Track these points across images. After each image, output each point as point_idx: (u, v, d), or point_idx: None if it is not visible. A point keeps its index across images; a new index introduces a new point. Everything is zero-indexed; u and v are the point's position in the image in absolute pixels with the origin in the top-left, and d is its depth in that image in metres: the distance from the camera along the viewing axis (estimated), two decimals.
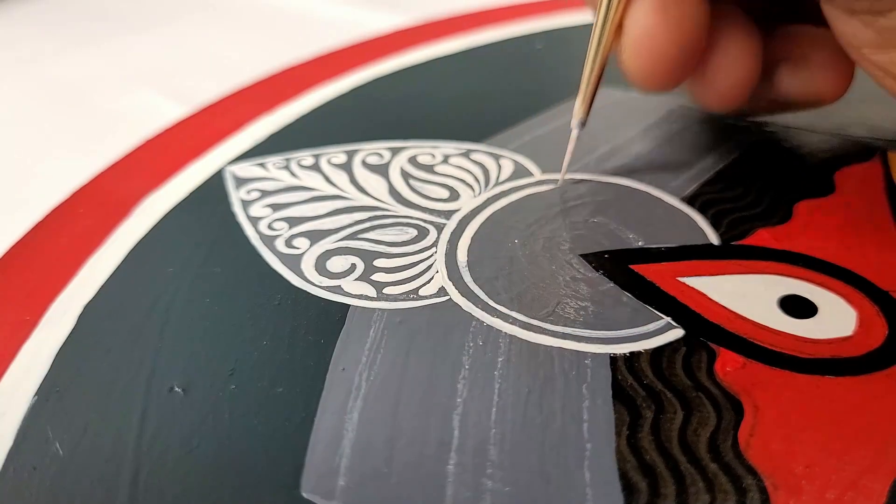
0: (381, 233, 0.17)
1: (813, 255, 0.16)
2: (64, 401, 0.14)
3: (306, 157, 0.21)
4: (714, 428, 0.12)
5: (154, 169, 0.21)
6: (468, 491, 0.11)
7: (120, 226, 0.18)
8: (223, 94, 0.25)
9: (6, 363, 0.14)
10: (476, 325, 0.14)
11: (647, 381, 0.13)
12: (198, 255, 0.17)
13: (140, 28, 0.33)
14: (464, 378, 0.13)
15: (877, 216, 0.17)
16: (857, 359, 0.13)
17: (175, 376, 0.14)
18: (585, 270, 0.16)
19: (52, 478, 0.12)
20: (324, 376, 0.13)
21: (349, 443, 0.12)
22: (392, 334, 0.14)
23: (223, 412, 0.13)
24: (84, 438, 0.13)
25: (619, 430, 0.12)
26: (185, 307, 0.15)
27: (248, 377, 0.14)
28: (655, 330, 0.14)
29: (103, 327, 0.15)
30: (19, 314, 0.16)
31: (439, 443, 0.12)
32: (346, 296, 0.15)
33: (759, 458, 0.12)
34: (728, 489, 0.11)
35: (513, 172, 0.19)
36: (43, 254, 0.18)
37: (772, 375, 0.13)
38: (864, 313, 0.14)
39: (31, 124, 0.25)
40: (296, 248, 0.17)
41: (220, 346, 0.14)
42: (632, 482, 0.11)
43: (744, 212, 0.17)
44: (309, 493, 0.12)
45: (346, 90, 0.25)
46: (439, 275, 0.16)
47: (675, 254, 0.16)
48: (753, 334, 0.14)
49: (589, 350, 0.14)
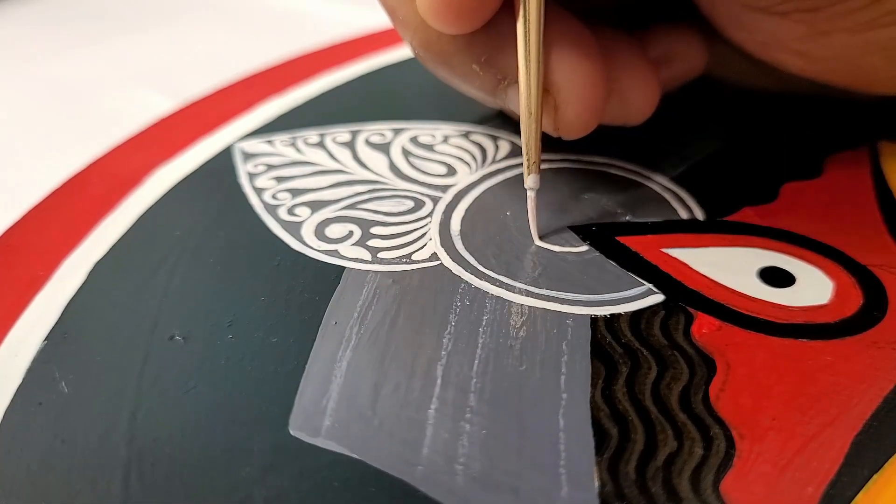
0: (379, 204, 0.18)
1: (795, 232, 0.16)
2: (71, 345, 0.14)
3: (312, 136, 0.21)
4: (686, 383, 0.13)
5: (166, 145, 0.22)
6: (446, 433, 0.12)
7: (131, 194, 0.19)
8: (233, 81, 0.26)
9: (19, 311, 0.15)
10: (464, 287, 0.15)
11: (626, 340, 0.14)
12: (204, 220, 0.18)
13: (140, 27, 0.33)
14: (449, 334, 0.14)
15: (861, 198, 0.17)
16: (831, 325, 0.14)
17: (177, 326, 0.14)
18: (573, 241, 0.16)
19: (56, 412, 0.13)
20: (316, 329, 0.14)
21: (337, 388, 0.13)
22: (384, 293, 0.15)
23: (220, 359, 0.14)
24: (88, 378, 0.13)
25: (595, 382, 0.13)
26: (189, 266, 0.16)
27: (245, 328, 0.14)
28: (637, 295, 0.15)
29: (111, 283, 0.16)
30: (33, 270, 0.16)
31: (422, 390, 0.13)
32: (342, 259, 0.16)
33: (728, 411, 0.12)
34: (695, 437, 0.12)
35: (509, 152, 0.20)
36: (57, 217, 0.18)
37: (746, 337, 0.13)
38: (840, 284, 0.15)
39: (32, 124, 0.25)
40: (297, 215, 0.18)
41: (220, 300, 0.15)
42: (604, 428, 0.12)
43: (731, 191, 0.18)
44: (296, 431, 0.12)
45: (353, 76, 0.25)
46: (432, 242, 0.16)
47: (661, 227, 0.16)
48: (731, 300, 0.14)
49: (571, 311, 0.14)
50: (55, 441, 0.12)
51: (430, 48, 0.15)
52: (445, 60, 0.16)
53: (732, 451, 0.11)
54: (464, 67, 0.15)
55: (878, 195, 0.17)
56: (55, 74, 0.29)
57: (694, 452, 0.11)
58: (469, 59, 0.15)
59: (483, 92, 0.16)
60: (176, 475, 0.12)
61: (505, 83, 0.15)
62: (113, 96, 0.26)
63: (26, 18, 0.35)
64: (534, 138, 0.15)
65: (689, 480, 0.11)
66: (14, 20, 0.35)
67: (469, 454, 0.12)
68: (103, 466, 0.12)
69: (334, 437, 0.12)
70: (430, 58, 0.16)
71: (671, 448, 0.12)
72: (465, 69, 0.15)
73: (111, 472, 0.12)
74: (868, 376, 0.13)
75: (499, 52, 0.15)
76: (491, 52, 0.15)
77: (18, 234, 0.18)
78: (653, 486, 0.11)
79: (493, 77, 0.15)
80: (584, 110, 0.15)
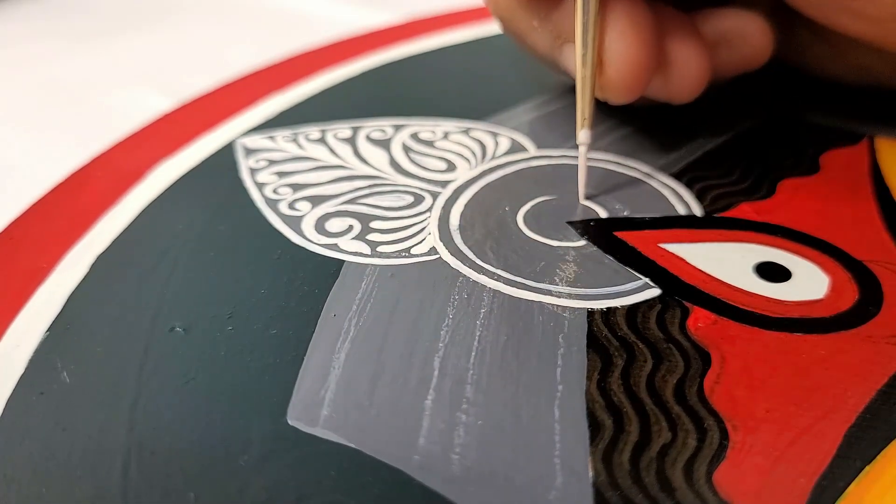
0: (379, 198, 0.18)
1: (792, 228, 0.16)
2: (73, 336, 0.14)
3: (314, 132, 0.21)
4: (681, 375, 0.13)
5: (168, 140, 0.22)
6: (443, 423, 0.12)
7: (134, 188, 0.19)
8: (235, 78, 0.26)
9: (22, 302, 0.15)
10: (462, 281, 0.15)
11: (622, 333, 0.14)
12: (205, 214, 0.18)
13: (140, 26, 0.33)
14: (447, 326, 0.14)
15: (859, 195, 0.17)
16: (826, 319, 0.14)
17: (177, 318, 0.15)
18: (571, 236, 0.16)
19: (57, 401, 0.13)
20: (315, 321, 0.14)
21: (335, 379, 0.13)
22: (383, 286, 0.15)
23: (220, 350, 0.14)
24: (89, 368, 0.14)
25: (591, 374, 0.13)
26: (190, 259, 0.16)
27: (244, 320, 0.14)
28: (633, 289, 0.15)
29: (113, 275, 0.16)
30: (36, 261, 0.17)
31: (419, 381, 0.13)
32: (341, 252, 0.16)
33: (722, 403, 0.12)
34: (689, 428, 0.12)
35: (509, 148, 0.20)
36: (60, 211, 0.19)
37: (741, 331, 0.14)
38: (836, 279, 0.15)
39: (32, 122, 0.25)
40: (298, 210, 0.18)
41: (221, 293, 0.15)
42: (598, 419, 0.12)
43: (729, 188, 0.18)
44: (294, 421, 0.12)
45: (355, 73, 0.26)
46: (431, 236, 0.16)
47: (658, 223, 0.17)
48: (727, 295, 0.14)
49: (568, 305, 0.14)
50: (56, 429, 0.12)
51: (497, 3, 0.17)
52: (510, 15, 0.17)
53: (726, 443, 0.11)
54: (525, 23, 0.17)
55: (876, 191, 0.17)
56: (56, 73, 0.29)
57: (688, 443, 0.12)
58: (529, 14, 0.17)
59: (542, 50, 0.17)
60: (175, 463, 0.12)
61: (561, 41, 0.16)
62: (113, 95, 0.26)
63: (26, 18, 0.35)
64: (587, 95, 0.16)
65: (683, 471, 0.11)
66: (14, 19, 0.35)
67: (465, 444, 0.12)
68: (103, 454, 0.12)
69: (332, 427, 0.12)
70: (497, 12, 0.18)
71: (665, 439, 0.12)
72: (527, 25, 0.17)
73: (111, 460, 0.12)
74: (862, 370, 0.13)
75: (556, 10, 0.16)
76: (549, 10, 0.16)
77: (21, 227, 0.18)
78: (646, 477, 0.11)
79: (550, 34, 0.17)
80: (627, 72, 0.16)
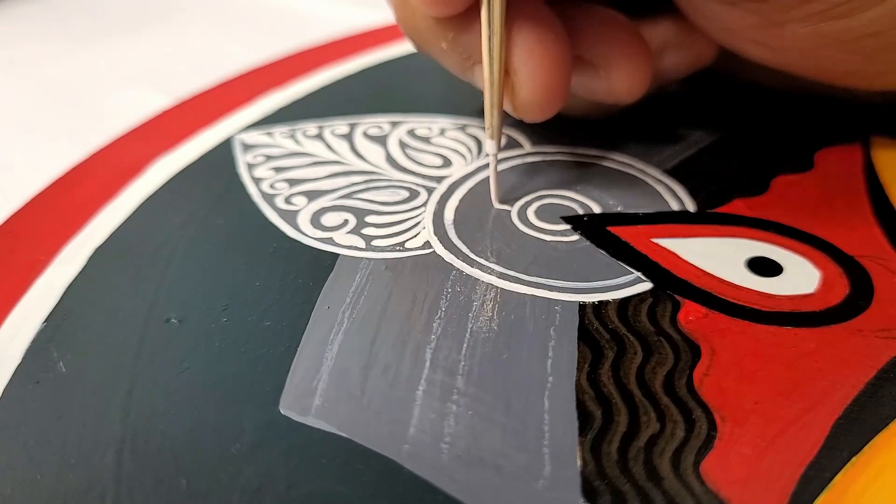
0: (375, 193, 0.18)
1: (785, 223, 0.16)
2: (69, 327, 0.15)
3: (311, 128, 0.22)
4: (671, 367, 0.13)
5: (167, 136, 0.22)
6: (433, 413, 0.12)
7: (132, 183, 0.20)
8: (234, 76, 0.26)
9: (20, 294, 0.16)
10: (456, 274, 0.15)
11: (613, 326, 0.14)
12: (203, 208, 0.18)
13: (139, 26, 0.33)
14: (439, 318, 0.14)
15: (852, 191, 0.17)
16: (816, 313, 0.14)
17: (173, 309, 0.15)
18: (565, 230, 0.16)
19: (53, 390, 0.13)
20: (309, 313, 0.14)
21: (327, 369, 0.13)
22: (376, 279, 0.15)
23: (214, 340, 0.14)
24: (86, 359, 0.14)
25: (581, 366, 0.13)
26: (187, 252, 0.16)
27: (239, 312, 0.15)
28: (625, 283, 0.15)
29: (110, 268, 0.16)
30: (34, 254, 0.17)
31: (411, 372, 0.13)
32: (336, 246, 0.16)
33: (711, 395, 0.12)
34: (678, 419, 0.12)
35: (504, 145, 0.20)
36: (58, 205, 0.19)
37: (732, 324, 0.14)
38: (828, 274, 0.15)
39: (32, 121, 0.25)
40: (294, 204, 0.18)
41: (216, 285, 0.15)
42: (587, 410, 0.12)
43: (722, 183, 0.18)
44: (286, 410, 0.12)
45: (353, 71, 0.26)
46: (426, 230, 0.17)
47: (652, 218, 0.17)
48: (718, 289, 0.14)
49: (560, 298, 0.14)
50: (52, 417, 0.13)
51: (406, 24, 0.17)
52: (419, 37, 0.17)
53: (714, 434, 0.12)
54: (435, 45, 0.16)
55: (869, 188, 0.17)
56: (55, 73, 0.29)
57: (676, 434, 0.12)
58: (437, 37, 0.16)
59: (455, 70, 0.17)
60: (168, 450, 0.12)
61: (471, 62, 0.16)
62: (112, 94, 0.26)
63: (26, 18, 0.35)
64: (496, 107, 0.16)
65: (670, 461, 0.11)
66: (14, 19, 0.35)
67: (455, 433, 0.12)
68: (98, 441, 0.12)
69: (323, 416, 0.12)
70: (407, 33, 0.17)
71: (653, 430, 0.12)
72: (436, 47, 0.16)
73: (105, 447, 0.12)
74: (851, 363, 0.13)
75: (463, 33, 0.16)
76: (456, 32, 0.16)
77: (20, 220, 0.18)
78: (634, 466, 0.11)
79: (459, 56, 0.16)
80: (538, 93, 0.15)
